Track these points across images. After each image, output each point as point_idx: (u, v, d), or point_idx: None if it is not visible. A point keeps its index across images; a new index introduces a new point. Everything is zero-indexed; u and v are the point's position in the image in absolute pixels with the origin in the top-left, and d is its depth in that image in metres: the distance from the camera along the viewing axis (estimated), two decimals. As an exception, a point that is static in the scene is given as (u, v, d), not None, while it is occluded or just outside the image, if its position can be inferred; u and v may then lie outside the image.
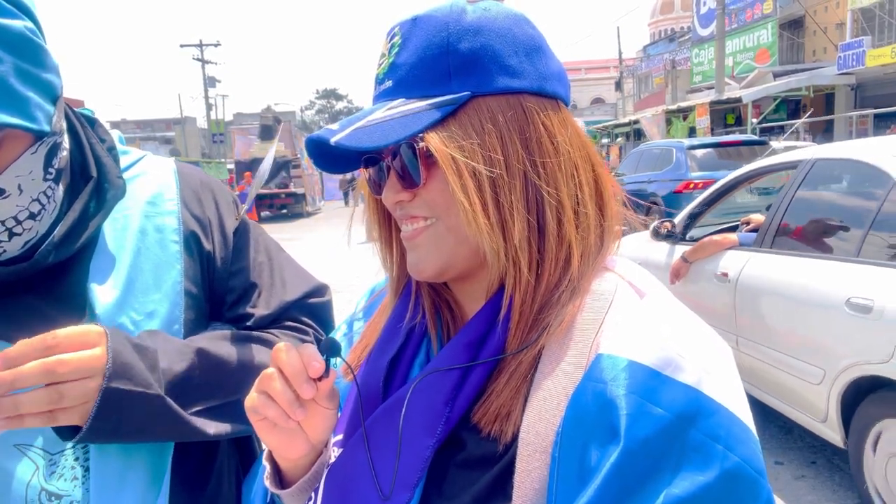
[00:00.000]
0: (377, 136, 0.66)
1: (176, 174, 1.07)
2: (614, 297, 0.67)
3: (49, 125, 0.84)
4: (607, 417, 0.58)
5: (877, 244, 2.90)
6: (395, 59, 0.70)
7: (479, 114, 0.67)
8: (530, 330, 0.67)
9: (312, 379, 0.65)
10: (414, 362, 0.76)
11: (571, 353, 0.64)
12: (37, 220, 0.87)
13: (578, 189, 0.70)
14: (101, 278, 0.92)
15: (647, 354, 0.60)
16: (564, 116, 0.72)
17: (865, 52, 18.07)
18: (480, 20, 0.69)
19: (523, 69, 0.69)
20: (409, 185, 0.70)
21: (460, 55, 0.67)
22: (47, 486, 0.86)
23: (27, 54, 0.81)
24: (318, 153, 0.73)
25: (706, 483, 0.55)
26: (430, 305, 0.78)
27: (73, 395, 0.77)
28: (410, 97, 0.69)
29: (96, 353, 0.80)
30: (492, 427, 0.65)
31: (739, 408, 0.61)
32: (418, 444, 0.66)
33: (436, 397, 0.67)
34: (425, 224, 0.71)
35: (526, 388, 0.65)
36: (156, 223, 1.00)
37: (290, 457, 0.72)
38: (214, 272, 1.04)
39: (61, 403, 0.76)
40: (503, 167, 0.66)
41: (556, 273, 0.68)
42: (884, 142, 3.33)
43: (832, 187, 3.56)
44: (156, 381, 0.85)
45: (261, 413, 0.67)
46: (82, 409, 0.79)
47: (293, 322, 1.07)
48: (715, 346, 0.65)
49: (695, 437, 0.57)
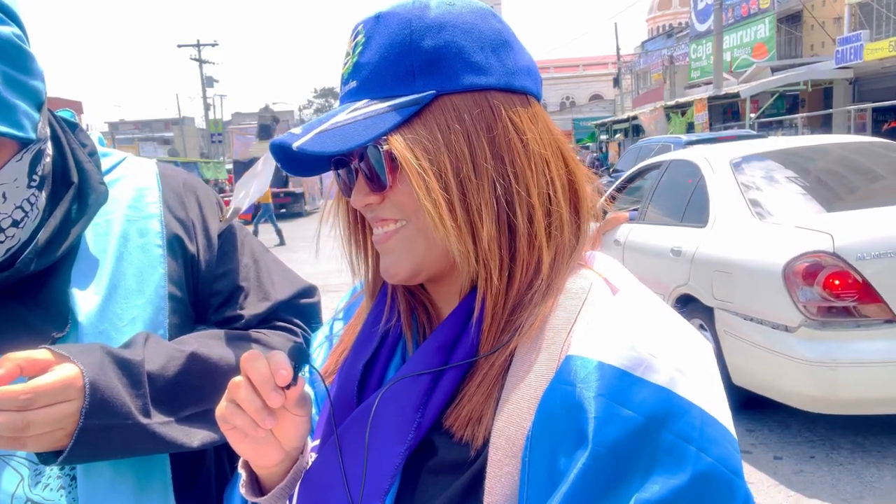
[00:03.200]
0: (339, 139, 0.64)
1: (158, 176, 1.05)
2: (587, 295, 0.66)
3: (35, 132, 0.83)
4: (575, 421, 0.56)
5: (689, 213, 4.66)
6: (359, 59, 0.69)
7: (445, 113, 0.65)
8: (503, 331, 0.66)
9: (280, 387, 0.64)
10: (389, 365, 0.75)
11: (543, 354, 0.63)
12: (19, 228, 0.86)
13: (550, 186, 0.68)
14: (83, 284, 0.91)
15: (616, 355, 0.58)
16: (535, 112, 0.70)
17: (863, 46, 18.05)
18: (444, 16, 0.67)
19: (489, 65, 0.67)
20: (377, 188, 0.68)
21: (424, 53, 0.66)
22: (32, 496, 0.85)
23: (15, 61, 0.80)
24: (284, 157, 0.72)
25: (678, 486, 0.54)
26: (405, 307, 0.77)
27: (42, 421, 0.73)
28: (374, 98, 0.67)
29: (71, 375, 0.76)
30: (464, 432, 0.63)
31: (715, 407, 0.59)
32: (389, 450, 0.65)
33: (406, 403, 0.66)
34: (395, 227, 0.69)
35: (498, 392, 0.63)
36: (138, 227, 0.98)
37: (263, 465, 0.71)
38: (199, 275, 1.02)
39: (27, 431, 0.72)
40: (470, 167, 0.65)
41: (528, 274, 0.67)
42: (709, 148, 5.44)
43: (677, 178, 5.14)
44: (138, 402, 0.82)
45: (230, 422, 0.66)
46: (54, 435, 0.76)
47: (282, 323, 1.05)
48: (690, 344, 0.63)
49: (666, 438, 0.55)
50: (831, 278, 3.30)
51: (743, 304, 3.78)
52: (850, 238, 3.36)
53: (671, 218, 4.89)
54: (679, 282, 4.37)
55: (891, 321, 3.27)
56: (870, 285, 3.26)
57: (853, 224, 3.57)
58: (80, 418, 0.76)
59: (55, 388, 0.75)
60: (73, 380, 0.76)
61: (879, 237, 3.36)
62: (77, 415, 0.76)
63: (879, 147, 4.76)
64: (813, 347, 3.35)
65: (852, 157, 4.63)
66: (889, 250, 3.28)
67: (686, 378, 0.59)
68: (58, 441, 0.76)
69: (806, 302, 3.36)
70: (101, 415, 0.78)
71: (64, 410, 0.75)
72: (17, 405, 0.72)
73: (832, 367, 3.30)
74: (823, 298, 3.32)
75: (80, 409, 0.76)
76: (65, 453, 0.76)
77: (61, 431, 0.76)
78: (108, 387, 0.79)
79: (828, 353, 3.32)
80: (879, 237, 3.36)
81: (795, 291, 3.38)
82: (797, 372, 3.42)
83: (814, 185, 4.25)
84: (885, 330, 3.27)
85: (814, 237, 3.46)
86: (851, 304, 3.30)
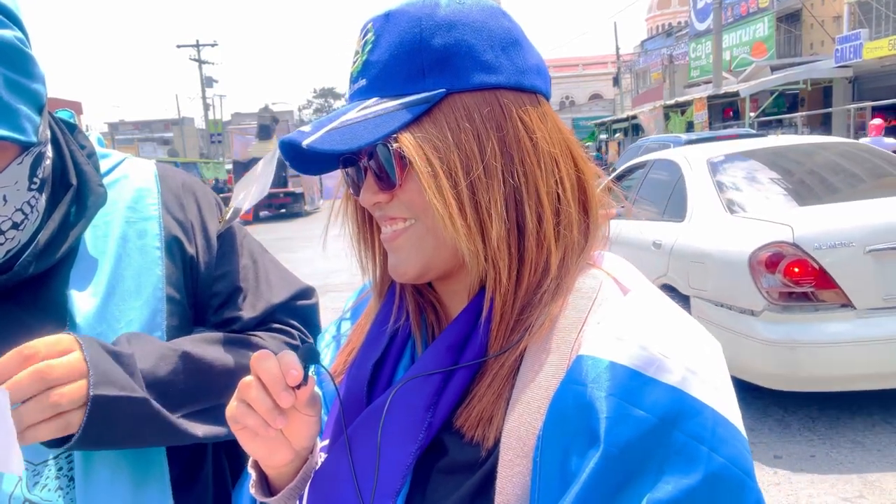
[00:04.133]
0: (349, 137, 0.64)
1: (157, 178, 1.04)
2: (598, 295, 0.66)
3: (36, 136, 0.83)
4: (587, 421, 0.56)
5: (669, 209, 4.95)
6: (369, 57, 0.68)
7: (455, 111, 0.65)
8: (512, 331, 0.65)
9: (291, 387, 0.64)
10: (398, 365, 0.74)
11: (553, 354, 0.63)
12: (19, 230, 0.86)
13: (559, 186, 0.68)
14: (81, 286, 0.91)
15: (628, 355, 0.58)
16: (544, 111, 0.70)
17: (863, 44, 18.04)
18: (454, 14, 0.67)
19: (499, 64, 0.67)
20: (386, 187, 0.68)
21: (434, 51, 0.66)
22: (31, 497, 0.85)
23: (17, 65, 0.80)
24: (293, 155, 0.71)
25: (690, 486, 0.54)
26: (413, 307, 0.77)
27: (71, 397, 0.76)
28: (384, 96, 0.67)
29: (76, 357, 0.79)
30: (474, 432, 0.63)
31: (726, 407, 0.59)
32: (400, 450, 0.65)
33: (417, 403, 0.66)
34: (405, 225, 0.69)
35: (508, 391, 0.63)
36: (137, 229, 0.98)
37: (273, 464, 0.71)
38: (198, 277, 1.02)
39: (61, 407, 0.75)
40: (480, 166, 0.64)
41: (537, 273, 0.66)
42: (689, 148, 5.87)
43: (660, 177, 5.42)
44: (137, 385, 0.83)
45: (240, 422, 0.66)
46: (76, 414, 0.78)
47: (279, 325, 1.05)
48: (701, 344, 0.63)
49: (678, 438, 0.55)
50: (791, 266, 3.60)
51: (714, 292, 4.10)
52: (809, 230, 3.66)
53: (653, 213, 5.23)
54: (659, 272, 4.67)
55: (845, 305, 3.56)
56: (826, 273, 3.55)
57: (812, 217, 3.86)
58: (88, 390, 0.77)
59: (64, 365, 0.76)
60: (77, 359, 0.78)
61: (835, 229, 3.64)
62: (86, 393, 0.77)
63: (851, 147, 5.13)
64: (775, 330, 3.66)
65: (825, 157, 4.92)
66: (844, 241, 3.56)
67: (697, 378, 0.59)
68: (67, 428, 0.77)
69: (769, 288, 3.66)
70: (108, 386, 0.79)
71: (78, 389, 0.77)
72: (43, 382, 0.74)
73: (792, 348, 3.60)
74: (784, 285, 3.62)
75: (88, 384, 0.78)
76: (79, 431, 0.77)
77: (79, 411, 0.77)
78: (108, 367, 0.81)
79: (788, 334, 3.62)
80: (835, 229, 3.64)
81: (759, 279, 3.68)
82: (761, 352, 3.72)
83: (785, 182, 4.57)
84: (840, 313, 3.57)
85: (776, 229, 3.75)
86: (810, 290, 3.59)
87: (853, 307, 3.56)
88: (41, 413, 0.74)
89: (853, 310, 3.56)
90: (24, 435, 0.74)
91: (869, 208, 3.88)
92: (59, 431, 0.76)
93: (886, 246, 3.55)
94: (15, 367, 0.73)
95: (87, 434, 0.78)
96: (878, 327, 3.53)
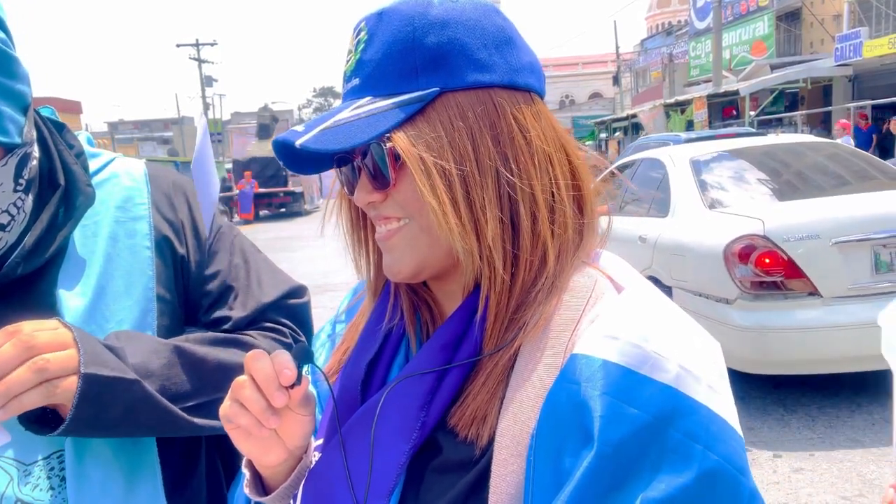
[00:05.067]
0: (343, 137, 0.64)
1: (146, 177, 1.04)
2: (592, 293, 0.66)
3: (20, 137, 0.82)
4: (581, 420, 0.56)
5: (654, 205, 5.20)
6: (362, 56, 0.68)
7: (448, 110, 0.65)
8: (506, 330, 0.66)
9: (284, 386, 0.64)
10: (393, 364, 0.74)
11: (547, 353, 0.63)
12: (6, 231, 0.86)
13: (553, 184, 0.68)
14: (70, 286, 0.91)
15: (622, 353, 0.58)
16: (538, 109, 0.70)
17: (862, 43, 18.02)
18: (447, 12, 0.67)
19: (493, 62, 0.67)
20: (380, 186, 0.68)
21: (427, 50, 0.66)
22: (22, 497, 0.84)
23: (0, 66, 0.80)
24: (287, 154, 0.71)
25: (683, 484, 0.54)
26: (408, 306, 0.76)
27: (59, 364, 0.77)
28: (378, 95, 0.67)
29: (62, 331, 0.80)
30: (468, 431, 0.63)
31: (721, 405, 0.59)
32: (394, 450, 0.65)
33: (411, 402, 0.66)
34: (399, 225, 0.69)
35: (502, 390, 0.63)
36: (127, 228, 0.98)
37: (267, 464, 0.71)
38: (189, 276, 1.02)
39: (47, 373, 0.76)
40: (474, 165, 0.64)
41: (531, 271, 0.66)
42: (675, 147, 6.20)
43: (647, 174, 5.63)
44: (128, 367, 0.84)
45: (234, 421, 0.66)
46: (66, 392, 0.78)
47: (271, 324, 1.05)
48: (697, 342, 0.63)
49: (673, 436, 0.55)
50: (762, 257, 3.86)
51: (693, 282, 4.38)
52: (779, 223, 3.94)
53: (640, 209, 5.50)
54: (644, 265, 4.94)
55: (813, 294, 3.85)
56: (795, 263, 3.83)
57: (783, 212, 4.15)
58: (79, 362, 0.78)
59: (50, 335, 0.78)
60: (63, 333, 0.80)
61: (803, 222, 3.93)
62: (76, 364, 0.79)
63: (830, 146, 5.47)
64: (747, 317, 3.94)
65: (805, 155, 5.20)
66: (811, 234, 3.86)
67: (692, 376, 0.59)
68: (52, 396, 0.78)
69: (741, 278, 3.93)
70: (99, 366, 0.80)
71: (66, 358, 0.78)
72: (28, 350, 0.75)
73: (763, 333, 3.88)
74: (756, 275, 3.89)
75: (78, 354, 0.79)
76: (72, 411, 0.78)
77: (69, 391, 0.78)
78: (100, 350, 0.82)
79: (759, 321, 3.90)
80: (803, 222, 3.93)
81: (733, 269, 3.96)
82: (735, 338, 3.96)
83: (764, 179, 4.83)
84: (807, 301, 3.86)
85: (748, 223, 4.04)
86: (779, 279, 3.87)
87: (820, 295, 3.83)
88: (27, 379, 0.75)
89: (820, 298, 3.83)
90: (9, 405, 0.74)
91: (836, 204, 4.18)
92: (45, 399, 0.77)
93: (850, 238, 3.83)
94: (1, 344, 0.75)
95: (79, 415, 0.78)
96: (843, 314, 3.79)
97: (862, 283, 3.84)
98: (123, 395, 0.82)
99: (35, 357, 0.76)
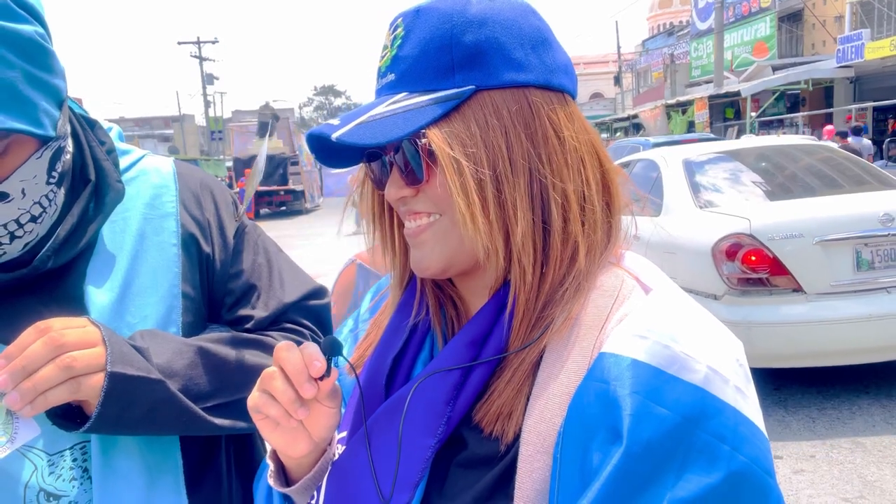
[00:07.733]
0: (378, 132, 0.65)
1: (175, 175, 1.06)
2: (619, 293, 0.66)
3: (55, 130, 0.84)
4: (610, 418, 0.57)
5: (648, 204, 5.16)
6: (398, 52, 0.69)
7: (484, 108, 0.66)
8: (533, 327, 0.66)
9: (314, 378, 0.65)
10: (417, 359, 0.75)
11: (575, 351, 0.63)
12: (37, 223, 0.87)
13: (585, 185, 0.68)
14: (98, 281, 0.92)
15: (650, 353, 0.58)
16: (571, 110, 0.70)
17: (864, 44, 18.02)
18: (485, 12, 0.67)
19: (529, 62, 0.68)
20: (412, 182, 0.69)
21: (464, 48, 0.66)
22: (46, 487, 0.86)
23: (37, 59, 0.81)
24: (319, 148, 0.72)
25: (711, 484, 0.54)
26: (433, 301, 0.77)
27: (85, 361, 0.79)
28: (413, 91, 0.68)
29: (91, 329, 0.82)
30: (493, 426, 0.64)
31: (747, 406, 0.59)
32: (419, 444, 0.66)
33: (437, 397, 0.66)
34: (429, 220, 0.70)
35: (528, 387, 0.64)
36: (154, 225, 0.99)
37: (293, 455, 0.72)
38: (213, 274, 1.03)
39: (74, 371, 0.78)
40: (507, 164, 0.65)
41: (560, 270, 0.67)
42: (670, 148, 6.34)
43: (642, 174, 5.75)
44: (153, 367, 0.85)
45: (263, 412, 0.67)
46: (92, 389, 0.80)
47: (291, 324, 1.06)
48: (723, 343, 0.63)
49: (700, 437, 0.56)
50: (749, 255, 4.04)
51: (684, 279, 4.41)
52: (764, 222, 4.11)
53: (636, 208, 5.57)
54: None
55: (797, 290, 4.02)
56: (780, 261, 4.00)
57: (769, 211, 4.31)
58: (106, 360, 0.81)
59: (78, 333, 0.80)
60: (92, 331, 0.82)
61: (788, 222, 4.10)
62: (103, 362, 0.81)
63: (820, 148, 5.62)
64: (734, 311, 4.09)
65: (793, 156, 5.36)
66: (795, 233, 4.03)
67: (719, 377, 0.59)
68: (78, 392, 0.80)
69: (729, 275, 4.12)
70: (125, 365, 0.82)
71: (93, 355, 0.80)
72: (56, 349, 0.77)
73: (749, 328, 4.01)
74: (742, 272, 4.07)
75: (105, 352, 0.81)
76: (98, 408, 0.80)
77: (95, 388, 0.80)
78: (126, 350, 0.84)
79: (745, 316, 4.06)
80: (788, 222, 4.10)
81: (721, 266, 4.15)
82: None
83: (754, 180, 4.98)
84: (791, 297, 4.03)
85: (735, 221, 4.22)
86: (765, 276, 4.04)
87: (804, 292, 4.00)
88: (54, 376, 0.76)
89: (804, 294, 4.00)
90: (36, 401, 0.76)
91: (819, 204, 4.37)
92: (71, 395, 0.78)
93: (833, 237, 4.00)
94: (32, 341, 0.77)
95: (104, 412, 0.80)
96: (826, 310, 3.96)
97: (844, 280, 4.00)
98: (147, 394, 0.83)
99: (63, 354, 0.77)
